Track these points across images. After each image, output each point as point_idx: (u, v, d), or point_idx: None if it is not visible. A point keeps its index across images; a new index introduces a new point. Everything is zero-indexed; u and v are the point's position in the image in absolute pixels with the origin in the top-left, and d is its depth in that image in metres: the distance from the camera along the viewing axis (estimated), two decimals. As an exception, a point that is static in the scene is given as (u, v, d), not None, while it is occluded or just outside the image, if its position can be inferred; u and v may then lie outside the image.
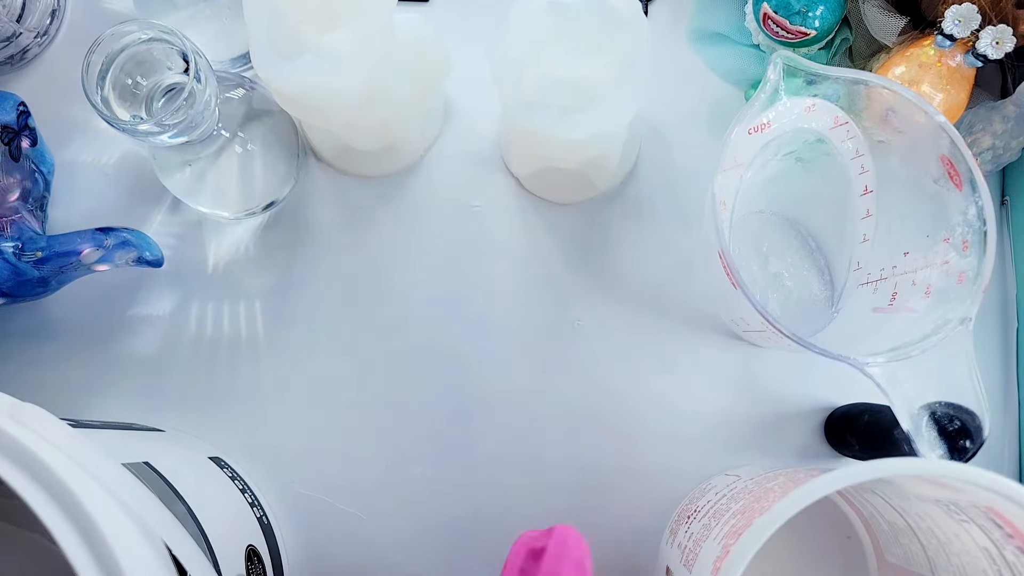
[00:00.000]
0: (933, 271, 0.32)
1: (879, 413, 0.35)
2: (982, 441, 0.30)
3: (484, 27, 0.42)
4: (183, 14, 0.40)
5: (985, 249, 0.31)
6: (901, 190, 0.33)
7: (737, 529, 0.26)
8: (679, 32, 0.43)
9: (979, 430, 0.30)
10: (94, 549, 0.20)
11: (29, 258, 0.36)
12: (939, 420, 0.30)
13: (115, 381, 0.40)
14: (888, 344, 0.31)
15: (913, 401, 0.29)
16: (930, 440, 0.29)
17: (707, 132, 0.42)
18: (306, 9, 0.34)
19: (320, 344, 0.40)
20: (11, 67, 0.43)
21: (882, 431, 0.34)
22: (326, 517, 0.39)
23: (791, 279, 0.34)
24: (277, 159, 0.40)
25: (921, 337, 0.30)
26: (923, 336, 0.30)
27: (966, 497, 0.25)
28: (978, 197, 0.31)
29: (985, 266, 0.30)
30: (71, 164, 0.42)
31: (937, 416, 0.30)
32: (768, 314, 0.28)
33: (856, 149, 0.33)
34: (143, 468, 0.28)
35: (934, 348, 0.30)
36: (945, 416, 0.30)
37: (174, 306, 0.41)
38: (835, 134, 0.33)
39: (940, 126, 0.31)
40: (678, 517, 0.34)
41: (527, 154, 0.39)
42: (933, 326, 0.31)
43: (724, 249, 0.29)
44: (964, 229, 0.31)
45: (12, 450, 0.21)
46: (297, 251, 0.41)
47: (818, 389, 0.39)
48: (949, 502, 0.26)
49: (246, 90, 0.38)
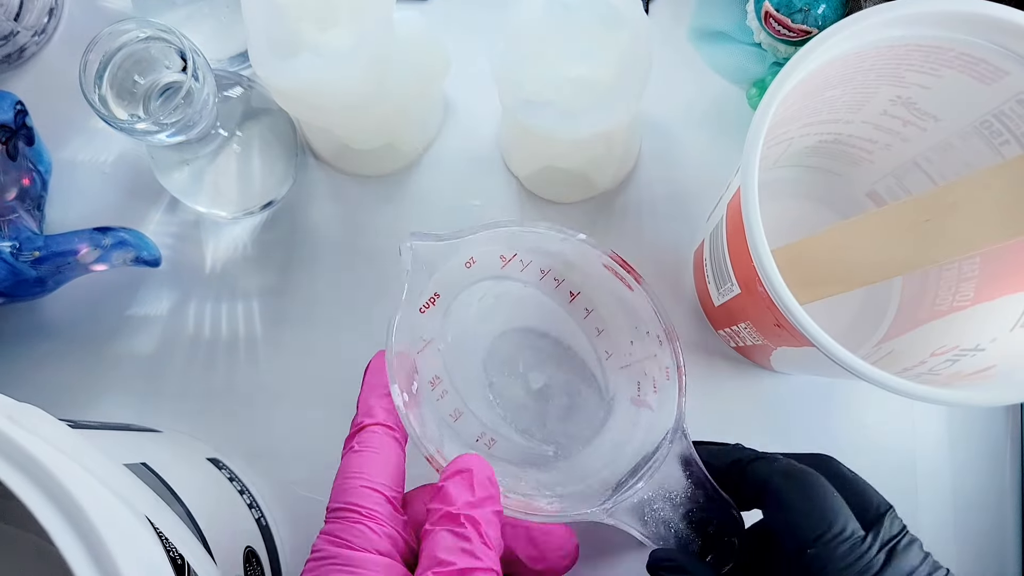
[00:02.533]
0: (650, 364, 0.32)
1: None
2: (743, 531, 0.29)
3: (484, 26, 0.41)
4: (181, 12, 0.40)
5: (671, 344, 0.31)
6: (600, 293, 0.34)
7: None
8: (680, 31, 0.43)
9: (736, 521, 0.29)
10: (92, 551, 0.20)
11: (26, 258, 0.36)
12: (699, 525, 0.29)
13: (113, 381, 0.40)
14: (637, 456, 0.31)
15: (667, 522, 0.29)
16: (694, 554, 0.29)
17: (708, 131, 0.42)
18: (305, 7, 0.34)
19: (318, 344, 0.40)
20: (8, 66, 0.43)
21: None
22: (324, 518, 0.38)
23: (557, 387, 0.34)
24: (275, 158, 0.40)
25: (647, 451, 0.30)
26: (650, 450, 0.30)
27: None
28: (648, 291, 0.32)
29: (675, 359, 0.31)
30: (69, 163, 0.42)
31: (694, 523, 0.29)
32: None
33: (539, 269, 0.33)
34: (141, 469, 0.28)
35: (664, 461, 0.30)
36: (702, 520, 0.29)
37: (172, 306, 0.41)
38: (508, 271, 0.33)
39: (585, 243, 0.32)
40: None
41: (527, 153, 0.39)
42: (651, 432, 0.31)
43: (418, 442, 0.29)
44: (651, 324, 0.32)
45: (10, 452, 0.21)
46: (295, 250, 0.41)
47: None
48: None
49: (244, 89, 0.38)
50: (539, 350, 0.35)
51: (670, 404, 0.30)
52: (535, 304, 0.34)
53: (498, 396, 0.34)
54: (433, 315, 0.32)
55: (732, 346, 0.39)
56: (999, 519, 0.39)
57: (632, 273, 0.32)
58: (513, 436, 0.33)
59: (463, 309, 0.33)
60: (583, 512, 0.29)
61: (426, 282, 0.32)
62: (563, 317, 0.34)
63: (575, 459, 0.33)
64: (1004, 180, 0.29)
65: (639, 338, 0.33)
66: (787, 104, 0.30)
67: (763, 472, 0.28)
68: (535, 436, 0.33)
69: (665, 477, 0.29)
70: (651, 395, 0.32)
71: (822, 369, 0.31)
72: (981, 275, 0.33)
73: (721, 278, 0.33)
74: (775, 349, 0.33)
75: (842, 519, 0.25)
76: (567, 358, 0.35)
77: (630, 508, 0.29)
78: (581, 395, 0.34)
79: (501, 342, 0.35)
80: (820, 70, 0.29)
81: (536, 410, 0.34)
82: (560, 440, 0.33)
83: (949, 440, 0.39)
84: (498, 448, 0.32)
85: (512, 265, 0.33)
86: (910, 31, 0.28)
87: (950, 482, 0.39)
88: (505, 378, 0.34)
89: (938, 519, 0.38)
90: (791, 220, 0.40)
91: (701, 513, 0.29)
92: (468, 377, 0.33)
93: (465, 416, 0.32)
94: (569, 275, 0.34)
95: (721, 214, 0.32)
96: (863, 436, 0.39)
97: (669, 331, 0.31)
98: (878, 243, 0.32)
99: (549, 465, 0.33)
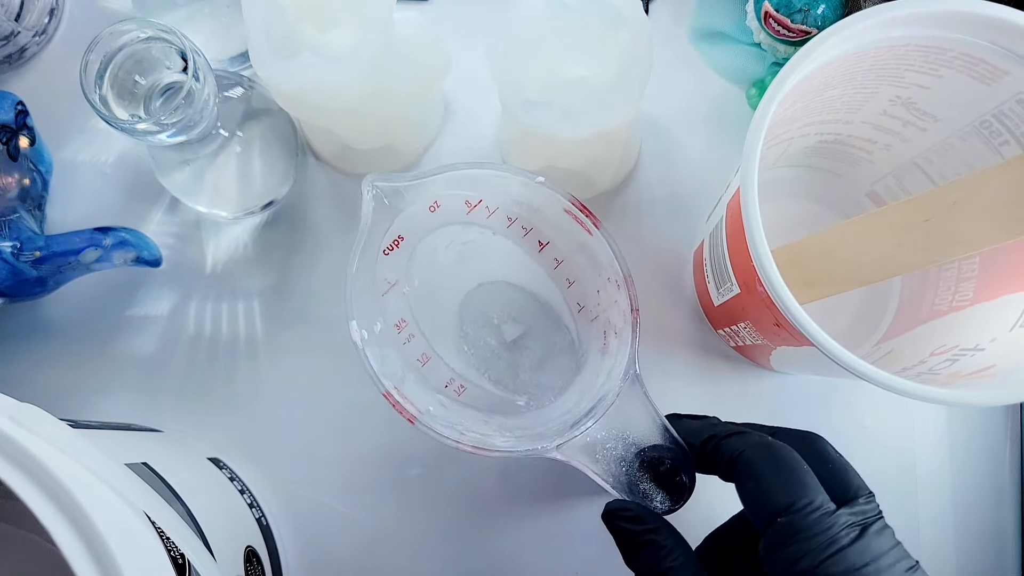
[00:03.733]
0: (613, 311, 0.32)
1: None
2: (693, 471, 0.30)
3: (484, 26, 0.41)
4: (182, 13, 0.40)
5: (627, 287, 0.31)
6: (564, 240, 0.34)
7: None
8: (680, 31, 0.43)
9: (689, 461, 0.30)
10: (93, 551, 0.20)
11: (27, 258, 0.36)
12: (651, 465, 0.30)
13: (113, 381, 0.40)
14: (593, 399, 0.31)
15: (619, 460, 0.30)
16: (647, 491, 0.29)
17: (708, 131, 0.42)
18: (305, 7, 0.34)
19: (319, 343, 0.40)
20: (9, 66, 0.43)
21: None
22: (325, 518, 0.38)
23: (532, 339, 0.35)
24: (276, 158, 0.40)
25: (604, 393, 0.30)
26: (605, 391, 0.30)
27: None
28: (606, 235, 0.32)
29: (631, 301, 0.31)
30: (69, 163, 0.42)
31: (647, 462, 0.30)
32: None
33: (507, 217, 0.34)
34: (142, 469, 0.28)
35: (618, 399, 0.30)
36: (654, 459, 0.30)
37: (172, 306, 0.41)
38: (475, 217, 0.33)
39: (544, 185, 0.32)
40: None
41: (527, 153, 0.39)
42: (610, 377, 0.31)
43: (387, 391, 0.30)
44: (610, 269, 0.32)
45: (11, 452, 0.21)
46: (296, 250, 0.41)
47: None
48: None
49: (245, 89, 0.38)
50: (514, 302, 0.35)
51: (627, 347, 0.31)
52: (508, 255, 0.35)
53: (471, 346, 0.34)
54: (397, 257, 0.33)
55: (732, 346, 0.39)
56: (999, 519, 0.39)
57: (591, 217, 0.32)
58: (485, 385, 0.34)
59: (429, 254, 0.34)
60: (534, 448, 0.29)
61: (389, 224, 0.32)
62: (536, 269, 0.35)
63: (545, 408, 0.33)
64: (1004, 180, 0.29)
65: (603, 286, 0.33)
66: (787, 104, 0.30)
67: (736, 446, 0.28)
68: (508, 387, 0.34)
69: (619, 417, 0.30)
70: (613, 341, 0.32)
71: (822, 369, 0.31)
72: (981, 275, 0.33)
73: (721, 278, 0.33)
74: (775, 349, 0.33)
75: (812, 491, 0.25)
76: (542, 311, 0.35)
77: (582, 446, 0.29)
78: (555, 347, 0.35)
79: (477, 293, 0.35)
80: (820, 70, 0.29)
81: (509, 361, 0.34)
82: (532, 391, 0.34)
83: (949, 440, 0.39)
84: (468, 395, 0.33)
85: (478, 211, 0.33)
86: (909, 31, 0.28)
87: (950, 482, 0.39)
88: (479, 328, 0.35)
89: (938, 519, 0.39)
90: (791, 220, 0.40)
91: (654, 452, 0.30)
92: (439, 325, 0.34)
93: (434, 361, 0.33)
94: (537, 223, 0.34)
95: (721, 214, 0.32)
96: (863, 436, 0.39)
97: (627, 276, 0.31)
98: (878, 243, 0.32)
99: (518, 413, 0.33)
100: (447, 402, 0.32)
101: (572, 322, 0.35)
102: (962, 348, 0.31)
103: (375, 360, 0.30)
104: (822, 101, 0.33)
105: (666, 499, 0.29)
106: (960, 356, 0.31)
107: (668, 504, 0.29)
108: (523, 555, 0.38)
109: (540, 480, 0.39)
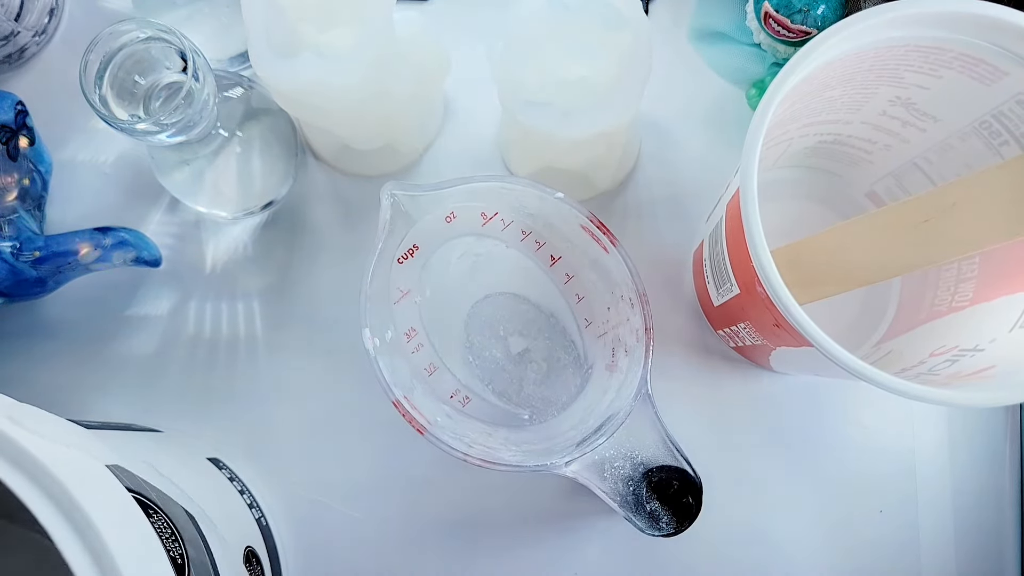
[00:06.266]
0: (624, 329, 0.32)
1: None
2: (700, 494, 0.30)
3: (484, 26, 0.42)
4: (181, 13, 0.40)
5: (642, 306, 0.31)
6: (579, 256, 0.34)
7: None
8: (680, 31, 0.43)
9: (696, 484, 0.30)
10: (92, 550, 0.20)
11: (27, 258, 0.36)
12: (659, 486, 0.30)
13: (113, 381, 0.40)
14: (603, 416, 0.31)
15: (627, 479, 0.30)
16: (654, 511, 0.29)
17: (708, 132, 0.42)
18: (305, 7, 0.34)
19: (319, 344, 0.40)
20: (9, 66, 0.43)
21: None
22: (325, 519, 0.38)
23: (537, 353, 0.35)
24: (276, 158, 0.40)
25: (615, 410, 0.30)
26: (616, 409, 0.30)
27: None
28: (623, 254, 0.32)
29: (646, 321, 0.31)
30: (69, 163, 0.42)
31: (655, 483, 0.30)
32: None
33: (521, 230, 0.34)
34: (142, 468, 0.28)
35: (628, 420, 0.30)
36: (662, 480, 0.30)
37: (172, 306, 0.41)
38: (489, 229, 0.33)
39: (560, 200, 0.32)
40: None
41: (527, 154, 0.39)
42: (619, 395, 0.31)
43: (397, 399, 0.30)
44: (624, 287, 0.32)
45: (10, 452, 0.21)
46: (295, 251, 0.41)
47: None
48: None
49: (244, 89, 0.38)
50: (521, 315, 0.35)
51: (638, 366, 0.31)
52: (518, 268, 0.34)
53: (477, 357, 0.34)
54: (411, 267, 0.33)
55: (731, 346, 0.39)
56: (999, 519, 0.39)
57: (608, 235, 0.32)
58: (489, 397, 0.34)
59: (442, 264, 0.34)
60: (543, 464, 0.29)
61: (405, 233, 0.32)
62: (545, 283, 0.35)
63: (549, 423, 0.33)
64: (1004, 180, 0.29)
65: (614, 303, 0.33)
66: (786, 105, 0.30)
67: None
68: (512, 399, 0.34)
69: (628, 436, 0.30)
70: (623, 359, 0.32)
71: (821, 369, 0.31)
72: (980, 275, 0.33)
73: (720, 278, 0.33)
74: (774, 349, 0.33)
75: None
76: (548, 325, 0.35)
77: (590, 464, 0.29)
78: (560, 362, 0.35)
79: (484, 305, 0.35)
80: (819, 71, 0.29)
81: (514, 374, 0.34)
82: (536, 405, 0.34)
83: (949, 441, 0.39)
84: (472, 407, 0.33)
85: (493, 223, 0.33)
86: (909, 32, 0.28)
87: (950, 483, 0.39)
88: (485, 340, 0.35)
89: (938, 520, 0.39)
90: (790, 220, 0.40)
91: (662, 473, 0.30)
92: (447, 335, 0.34)
93: (440, 371, 0.33)
94: (550, 237, 0.34)
95: (720, 214, 0.32)
96: (862, 437, 0.39)
97: (642, 294, 0.31)
98: (877, 243, 0.32)
99: (522, 427, 0.33)
100: (452, 413, 0.32)
101: (579, 337, 0.35)
102: (962, 349, 0.31)
103: (386, 368, 0.30)
104: (822, 101, 0.33)
105: (672, 520, 0.29)
106: (960, 357, 0.31)
107: (674, 526, 0.29)
108: (523, 555, 0.38)
109: (541, 483, 0.39)
